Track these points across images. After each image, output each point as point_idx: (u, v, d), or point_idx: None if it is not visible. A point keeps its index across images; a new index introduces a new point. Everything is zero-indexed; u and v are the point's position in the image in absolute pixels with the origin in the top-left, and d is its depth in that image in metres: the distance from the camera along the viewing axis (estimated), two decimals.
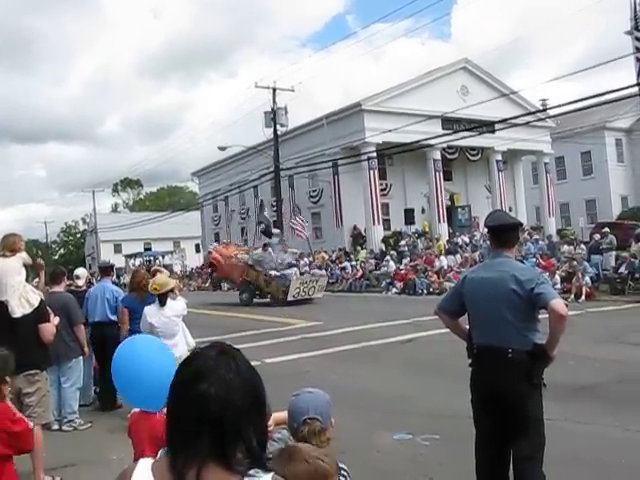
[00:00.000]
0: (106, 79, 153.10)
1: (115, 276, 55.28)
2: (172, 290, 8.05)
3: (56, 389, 8.27)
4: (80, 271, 10.98)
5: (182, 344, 7.82)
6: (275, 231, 29.62)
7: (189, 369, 1.63)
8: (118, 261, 62.33)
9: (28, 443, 3.96)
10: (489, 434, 4.38)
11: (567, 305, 4.24)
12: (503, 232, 4.55)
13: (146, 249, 68.51)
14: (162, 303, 7.80)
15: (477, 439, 4.50)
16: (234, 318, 20.79)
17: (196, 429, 1.55)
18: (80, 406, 8.73)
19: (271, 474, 1.61)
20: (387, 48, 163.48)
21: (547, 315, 4.17)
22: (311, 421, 2.92)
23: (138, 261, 62.17)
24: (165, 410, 1.67)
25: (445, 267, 27.77)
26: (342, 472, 2.89)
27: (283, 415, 3.11)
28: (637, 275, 20.78)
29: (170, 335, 7.62)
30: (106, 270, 10.74)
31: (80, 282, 10.42)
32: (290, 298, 24.36)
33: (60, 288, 8.62)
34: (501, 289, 4.26)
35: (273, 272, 25.53)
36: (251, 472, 1.57)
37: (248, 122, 75.39)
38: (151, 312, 7.76)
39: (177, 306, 8.01)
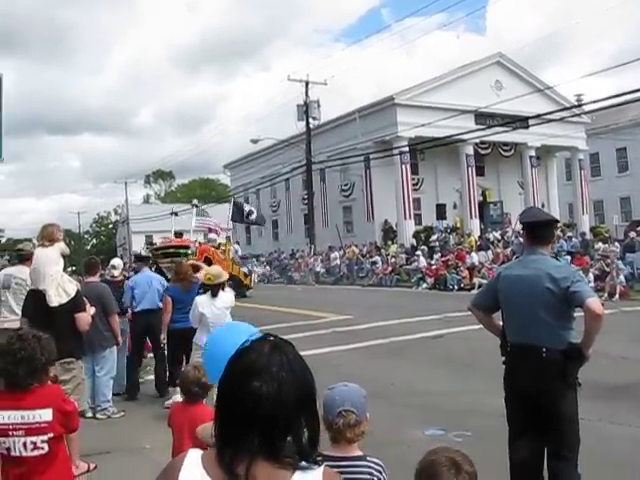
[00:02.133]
0: (140, 71, 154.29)
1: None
2: (224, 283, 8.14)
3: (90, 378, 8.39)
4: (117, 261, 11.16)
5: None
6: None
7: (242, 365, 1.62)
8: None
9: (76, 422, 4.11)
10: (523, 433, 4.35)
11: (603, 304, 4.19)
12: (538, 228, 4.51)
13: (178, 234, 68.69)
14: (214, 294, 7.88)
15: (511, 437, 4.48)
16: (266, 310, 20.84)
17: (247, 426, 1.56)
18: (113, 395, 8.85)
19: (322, 467, 1.61)
20: (421, 42, 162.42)
21: (582, 314, 4.13)
22: (346, 413, 2.93)
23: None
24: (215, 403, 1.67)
25: (476, 263, 27.58)
26: (377, 467, 2.90)
27: None
28: None
29: (219, 326, 7.68)
30: (145, 259, 11.08)
31: (116, 272, 10.56)
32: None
33: (95, 278, 8.72)
34: (536, 287, 4.22)
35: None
36: (303, 464, 1.58)
37: (281, 115, 75.70)
38: (203, 302, 7.83)
39: (227, 298, 8.09)
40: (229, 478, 1.55)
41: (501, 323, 4.59)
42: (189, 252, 23.73)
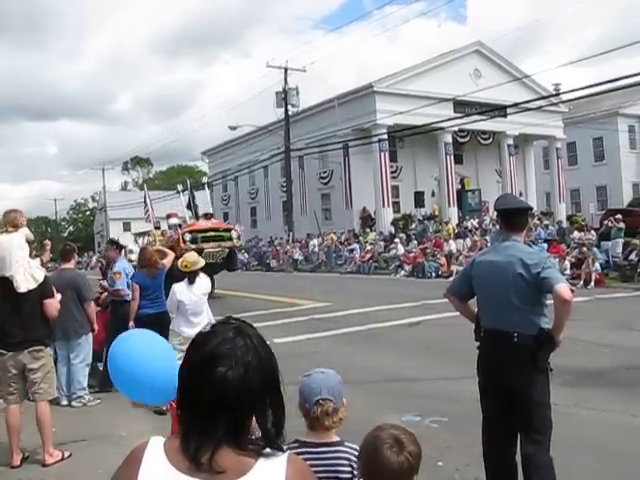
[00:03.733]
0: (119, 57, 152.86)
1: (123, 254, 55.60)
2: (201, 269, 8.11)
3: (65, 365, 8.33)
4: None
5: (206, 322, 7.88)
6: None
7: (205, 351, 1.57)
8: (127, 239, 62.56)
9: None
10: (496, 417, 4.39)
11: (573, 290, 4.22)
12: (512, 215, 4.55)
13: (155, 228, 68.45)
14: (191, 281, 7.87)
15: (484, 422, 4.51)
16: (245, 298, 20.86)
17: (213, 413, 1.52)
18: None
19: (286, 454, 1.59)
20: (402, 30, 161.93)
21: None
22: (324, 402, 2.90)
23: (147, 240, 62.25)
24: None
25: (454, 251, 27.74)
26: (355, 453, 2.89)
27: None
28: None
29: (198, 313, 7.70)
30: (122, 247, 10.81)
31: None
32: None
33: (70, 265, 8.62)
34: (508, 273, 4.25)
35: None
36: (266, 451, 1.55)
37: (260, 102, 75.42)
38: (181, 290, 7.82)
39: (204, 284, 8.08)
40: (193, 467, 1.51)
41: (477, 309, 4.61)
42: (233, 236, 21.32)
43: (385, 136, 37.14)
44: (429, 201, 39.98)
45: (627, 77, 23.00)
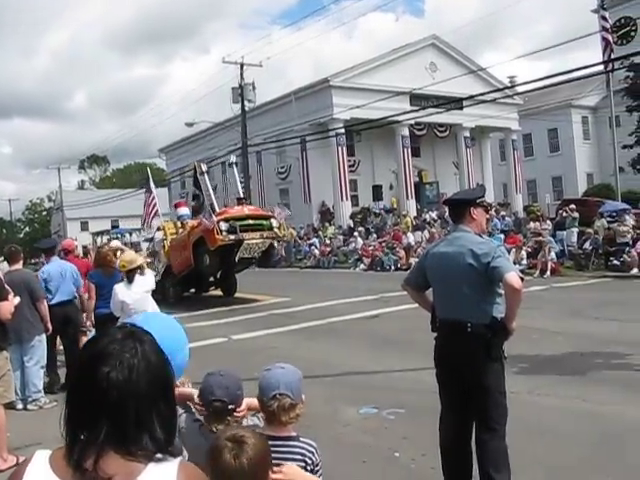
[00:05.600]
0: (74, 53, 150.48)
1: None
2: (140, 267, 8.03)
3: (18, 369, 8.18)
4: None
5: None
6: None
7: (92, 351, 1.53)
8: (85, 239, 61.71)
9: None
10: (452, 406, 4.44)
11: (522, 279, 4.27)
12: (453, 207, 4.68)
13: (113, 227, 67.65)
14: (130, 280, 7.81)
15: (441, 412, 4.56)
16: (204, 295, 20.74)
17: (94, 415, 1.46)
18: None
19: (179, 459, 1.55)
20: (360, 24, 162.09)
21: None
22: (281, 397, 2.89)
23: (105, 239, 61.43)
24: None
25: (413, 243, 27.90)
26: (310, 448, 2.90)
27: (255, 402, 3.00)
28: (600, 251, 21.06)
29: (142, 311, 7.62)
30: (51, 250, 10.58)
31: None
32: None
33: (18, 266, 8.48)
34: (459, 263, 4.29)
35: None
36: (158, 456, 1.50)
37: (217, 98, 75.14)
38: (121, 290, 7.77)
39: (145, 281, 8.01)
40: (78, 475, 1.45)
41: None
42: (274, 224, 17.91)
43: (342, 130, 37.25)
44: (387, 194, 40.21)
45: (579, 69, 23.38)
